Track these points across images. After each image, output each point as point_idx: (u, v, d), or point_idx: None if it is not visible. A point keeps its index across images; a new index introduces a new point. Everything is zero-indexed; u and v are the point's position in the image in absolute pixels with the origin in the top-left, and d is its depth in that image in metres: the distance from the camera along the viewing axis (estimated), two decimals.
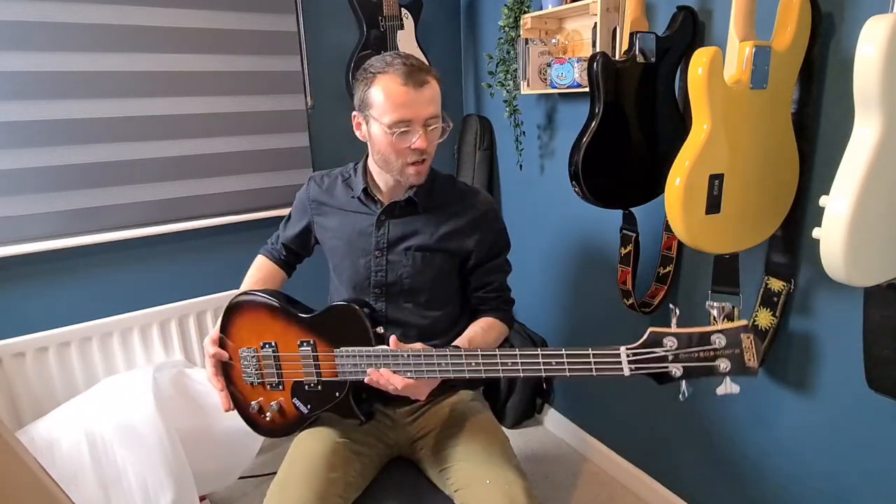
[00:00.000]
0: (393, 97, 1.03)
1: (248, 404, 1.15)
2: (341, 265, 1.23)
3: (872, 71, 0.80)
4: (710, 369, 0.74)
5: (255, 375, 1.13)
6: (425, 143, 1.05)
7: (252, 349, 1.12)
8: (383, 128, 1.05)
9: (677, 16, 1.31)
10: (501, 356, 0.88)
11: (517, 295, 1.31)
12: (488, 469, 1.06)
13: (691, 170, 1.03)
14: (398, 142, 1.05)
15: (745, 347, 0.72)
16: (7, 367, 1.51)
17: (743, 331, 0.72)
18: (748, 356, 0.72)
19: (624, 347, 0.78)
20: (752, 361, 0.72)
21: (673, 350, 0.75)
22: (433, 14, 2.09)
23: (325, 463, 1.06)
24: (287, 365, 1.09)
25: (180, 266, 1.80)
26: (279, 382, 1.11)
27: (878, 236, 0.87)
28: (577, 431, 2.03)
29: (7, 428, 0.67)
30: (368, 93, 1.06)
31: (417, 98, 1.03)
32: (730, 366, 0.73)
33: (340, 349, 1.02)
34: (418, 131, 1.05)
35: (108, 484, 1.36)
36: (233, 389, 1.17)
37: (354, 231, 1.20)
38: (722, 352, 0.73)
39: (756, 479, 1.44)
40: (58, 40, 1.50)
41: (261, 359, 1.11)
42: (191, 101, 1.70)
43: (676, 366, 0.75)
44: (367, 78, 1.07)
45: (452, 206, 1.19)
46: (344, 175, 1.26)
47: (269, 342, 1.10)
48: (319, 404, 1.09)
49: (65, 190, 1.56)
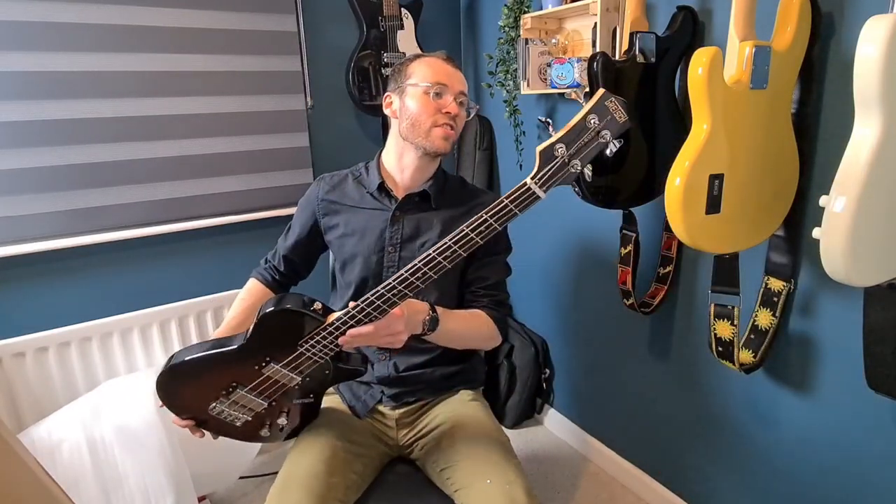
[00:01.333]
0: (434, 67, 1.15)
1: (258, 433, 1.13)
2: (352, 262, 1.21)
3: (872, 71, 0.80)
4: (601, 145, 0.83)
5: (244, 413, 1.08)
6: (457, 110, 1.14)
7: (220, 401, 1.05)
8: (421, 90, 1.13)
9: (677, 16, 1.31)
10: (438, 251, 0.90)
11: (517, 295, 1.31)
12: (488, 469, 1.06)
13: (691, 170, 1.03)
14: (434, 102, 1.13)
15: (612, 111, 0.81)
16: (7, 367, 1.51)
17: (604, 98, 0.80)
18: (619, 116, 0.81)
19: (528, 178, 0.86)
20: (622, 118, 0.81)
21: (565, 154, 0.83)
22: (433, 14, 2.09)
23: (325, 467, 1.06)
24: (265, 388, 1.04)
25: (180, 266, 1.80)
26: (272, 402, 1.07)
27: (878, 236, 0.87)
28: (577, 431, 2.03)
29: (8, 429, 0.67)
30: (409, 68, 1.17)
31: (455, 74, 1.16)
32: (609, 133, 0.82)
33: (300, 344, 0.98)
34: (451, 95, 1.14)
35: (109, 489, 1.36)
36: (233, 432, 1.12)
37: (368, 227, 1.20)
38: (600, 125, 0.82)
39: (756, 479, 1.44)
40: (58, 40, 1.50)
41: (237, 401, 1.06)
42: (191, 101, 1.70)
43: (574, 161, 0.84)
44: (407, 61, 1.19)
45: (463, 203, 1.22)
46: (354, 174, 1.27)
47: (231, 385, 1.03)
48: (320, 389, 1.08)
49: (65, 190, 1.56)
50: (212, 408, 1.06)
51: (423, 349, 1.21)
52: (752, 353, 1.30)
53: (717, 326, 1.28)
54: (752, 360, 1.30)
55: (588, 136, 0.82)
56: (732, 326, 1.25)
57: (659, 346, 1.64)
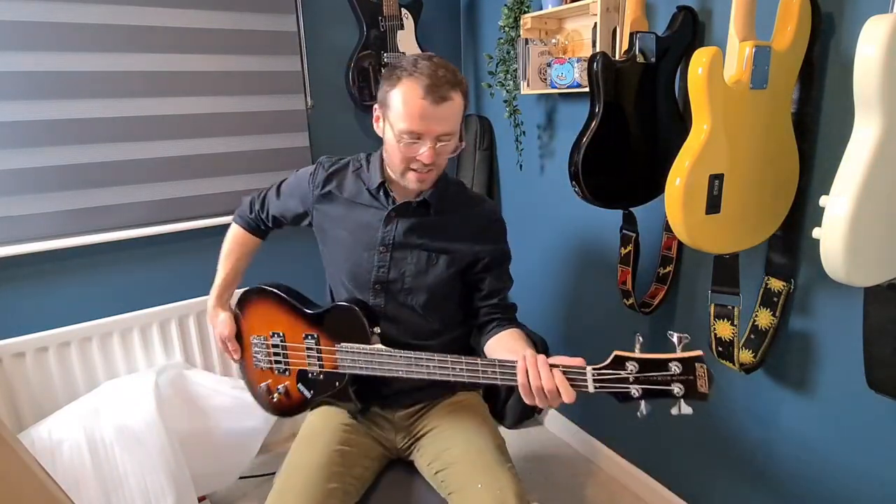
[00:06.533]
0: (409, 107, 1.01)
1: (257, 385, 1.26)
2: (341, 257, 1.21)
3: (872, 71, 0.80)
4: (666, 392, 0.82)
5: (264, 361, 1.24)
6: (431, 158, 1.04)
7: (262, 337, 1.23)
8: (394, 132, 1.05)
9: (677, 16, 1.31)
10: (483, 364, 0.95)
11: (517, 295, 1.31)
12: (481, 473, 1.06)
13: (691, 170, 1.03)
14: (405, 150, 1.05)
15: (698, 375, 0.80)
16: (7, 367, 1.51)
17: (697, 360, 0.80)
18: (700, 383, 0.80)
19: (591, 367, 0.86)
20: (704, 388, 0.79)
21: (634, 373, 0.83)
22: (433, 14, 2.09)
23: (323, 474, 1.06)
24: (293, 354, 1.19)
25: (180, 266, 1.79)
26: (286, 369, 1.21)
27: (878, 236, 0.87)
28: (576, 431, 2.03)
29: (8, 429, 0.67)
30: (390, 94, 1.04)
31: (434, 114, 1.01)
32: (683, 390, 0.81)
33: (341, 345, 1.10)
34: (427, 144, 1.03)
35: (110, 489, 1.36)
36: (243, 370, 1.28)
37: (361, 224, 1.18)
38: (677, 377, 0.81)
39: (756, 479, 1.44)
40: (58, 40, 1.50)
41: (270, 347, 1.22)
42: (191, 101, 1.70)
43: (636, 387, 0.83)
44: (392, 77, 1.04)
45: (462, 210, 1.19)
46: (355, 165, 1.23)
47: (278, 332, 1.20)
48: (321, 391, 1.18)
49: (65, 190, 1.56)
50: (254, 338, 1.25)
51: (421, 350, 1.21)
52: (752, 353, 1.30)
53: (717, 326, 1.28)
54: (752, 360, 1.30)
55: (662, 377, 0.81)
56: (732, 326, 1.25)
57: (659, 346, 1.64)
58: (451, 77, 1.02)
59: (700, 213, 1.06)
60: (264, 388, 1.24)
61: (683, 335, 0.82)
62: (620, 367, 0.83)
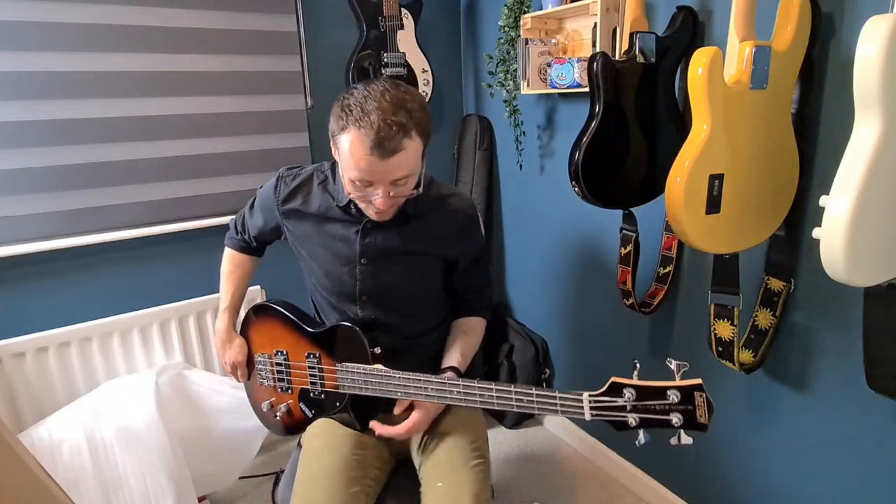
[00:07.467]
0: (356, 158, 0.94)
1: (261, 403, 1.28)
2: (321, 272, 1.18)
3: (872, 71, 0.80)
4: (665, 422, 0.79)
5: (268, 378, 1.25)
6: (386, 205, 0.99)
7: (266, 355, 1.23)
8: (345, 176, 1.00)
9: (677, 16, 1.31)
10: (480, 389, 0.95)
11: (517, 295, 1.31)
12: (444, 472, 1.07)
13: (691, 170, 1.03)
14: (359, 193, 1.01)
15: (697, 405, 0.77)
16: (7, 367, 1.51)
17: (696, 389, 0.77)
18: (699, 413, 0.77)
19: (587, 394, 0.84)
20: (703, 418, 0.77)
21: (631, 401, 0.81)
22: (433, 14, 2.09)
23: (343, 480, 1.06)
24: (295, 373, 1.19)
25: (180, 266, 1.79)
26: (288, 387, 1.21)
27: (878, 236, 0.87)
28: (576, 431, 2.03)
29: (8, 429, 0.67)
30: (339, 137, 0.97)
31: (381, 167, 0.95)
32: (682, 420, 0.78)
33: (342, 364, 1.11)
34: (381, 189, 0.98)
35: (110, 489, 1.36)
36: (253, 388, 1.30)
37: (336, 237, 1.14)
38: (675, 407, 0.78)
39: (756, 479, 1.44)
40: (57, 40, 1.50)
41: (273, 365, 1.22)
42: (191, 102, 1.70)
43: (633, 416, 0.80)
44: (340, 118, 0.96)
45: (439, 210, 1.16)
46: (319, 177, 1.17)
47: (282, 350, 1.20)
48: (322, 411, 1.19)
49: (64, 190, 1.56)
50: (258, 356, 1.25)
51: (420, 352, 1.21)
52: (752, 353, 1.30)
53: (717, 326, 1.28)
54: (752, 360, 1.30)
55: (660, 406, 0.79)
56: (732, 326, 1.25)
57: (659, 346, 1.64)
58: (403, 122, 0.93)
59: (700, 212, 1.06)
60: (267, 406, 1.25)
61: (682, 363, 0.79)
62: (617, 395, 0.81)
